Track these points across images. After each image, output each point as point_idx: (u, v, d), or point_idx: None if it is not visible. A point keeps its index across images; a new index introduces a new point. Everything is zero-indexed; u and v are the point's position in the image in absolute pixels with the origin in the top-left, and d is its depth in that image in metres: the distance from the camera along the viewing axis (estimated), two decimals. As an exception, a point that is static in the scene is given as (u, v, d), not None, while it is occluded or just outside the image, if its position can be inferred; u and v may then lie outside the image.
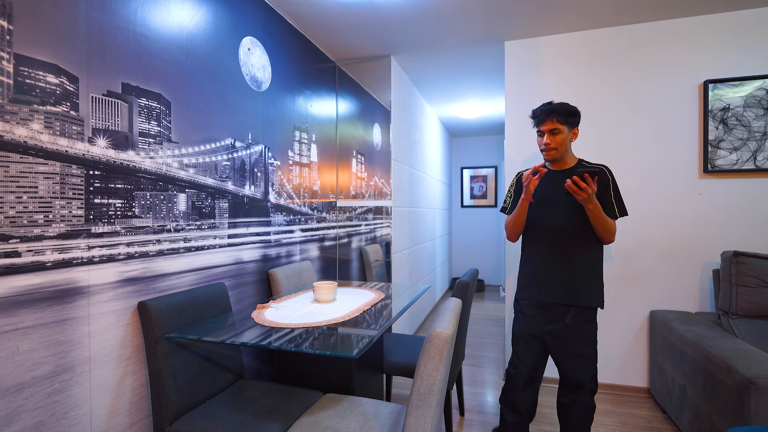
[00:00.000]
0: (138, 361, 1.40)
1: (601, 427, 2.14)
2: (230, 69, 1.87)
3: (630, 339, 2.53)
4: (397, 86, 3.24)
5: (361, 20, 2.43)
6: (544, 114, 1.64)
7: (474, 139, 6.26)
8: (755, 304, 1.96)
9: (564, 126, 1.63)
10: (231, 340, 1.28)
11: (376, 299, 1.81)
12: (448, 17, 2.40)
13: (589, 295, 1.63)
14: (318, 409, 1.40)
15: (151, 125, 1.45)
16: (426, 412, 1.10)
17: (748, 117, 2.30)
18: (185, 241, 1.60)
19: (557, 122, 1.62)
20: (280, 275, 2.08)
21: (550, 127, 1.63)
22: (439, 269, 5.15)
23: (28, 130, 1.08)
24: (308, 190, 2.57)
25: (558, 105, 1.64)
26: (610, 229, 1.59)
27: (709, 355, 1.74)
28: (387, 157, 3.17)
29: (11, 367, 1.05)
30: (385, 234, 3.16)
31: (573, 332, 1.64)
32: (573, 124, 1.65)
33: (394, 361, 2.00)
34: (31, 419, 1.09)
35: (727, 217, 2.36)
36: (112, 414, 1.31)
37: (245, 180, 1.95)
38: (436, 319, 1.23)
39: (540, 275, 1.70)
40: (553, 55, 2.66)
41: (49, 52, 1.13)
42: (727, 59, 2.35)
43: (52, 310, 1.14)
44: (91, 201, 1.24)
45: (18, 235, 1.06)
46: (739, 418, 1.50)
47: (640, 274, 2.51)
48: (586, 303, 1.63)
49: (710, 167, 2.36)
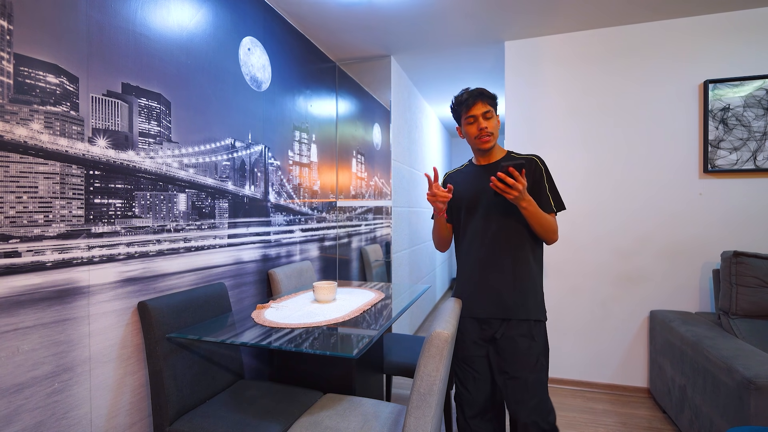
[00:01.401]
0: (138, 361, 1.40)
1: (601, 427, 2.14)
2: (230, 69, 1.87)
3: (630, 339, 2.53)
4: (397, 86, 3.24)
5: (361, 20, 2.43)
6: (473, 97, 1.42)
7: (474, 139, 6.26)
8: (755, 304, 1.96)
9: (493, 109, 1.43)
10: (231, 340, 1.28)
11: (376, 299, 1.81)
12: (448, 17, 2.40)
13: (528, 307, 1.38)
14: (318, 409, 1.40)
15: (151, 125, 1.45)
16: (426, 412, 1.10)
17: (748, 117, 2.30)
18: (185, 241, 1.60)
19: (488, 104, 1.42)
20: (280, 275, 2.08)
21: (483, 110, 1.41)
22: (439, 269, 5.15)
23: (28, 130, 1.08)
24: (308, 190, 2.57)
25: (481, 88, 1.44)
26: (550, 227, 1.37)
27: (709, 355, 1.74)
28: (387, 157, 3.17)
29: (11, 367, 1.05)
30: (385, 234, 3.16)
31: (506, 349, 1.38)
32: (495, 107, 1.45)
33: (394, 361, 2.00)
34: (31, 419, 1.09)
35: (727, 217, 2.36)
36: (112, 414, 1.31)
37: (245, 180, 1.95)
38: (436, 319, 1.23)
39: (473, 287, 1.46)
40: (553, 55, 2.66)
41: (49, 52, 1.13)
42: (727, 59, 2.35)
43: (52, 310, 1.14)
44: (91, 201, 1.24)
45: (18, 235, 1.06)
46: (739, 418, 1.50)
47: (640, 274, 2.51)
48: (523, 316, 1.38)
49: (710, 167, 2.36)
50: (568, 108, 2.63)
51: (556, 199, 1.43)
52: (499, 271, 1.41)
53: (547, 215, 1.37)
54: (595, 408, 2.35)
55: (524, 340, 1.37)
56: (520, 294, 1.39)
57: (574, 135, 2.62)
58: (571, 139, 2.62)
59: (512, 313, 1.38)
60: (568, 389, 2.60)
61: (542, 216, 1.35)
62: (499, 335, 1.39)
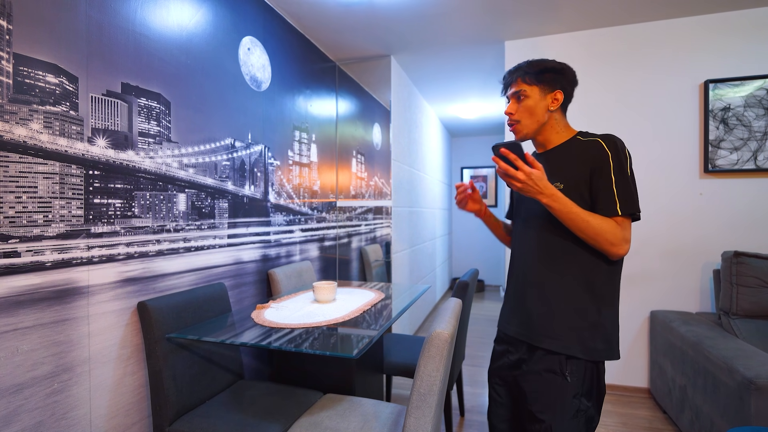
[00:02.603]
0: (138, 361, 1.40)
1: (602, 427, 2.14)
2: (230, 69, 1.87)
3: (630, 339, 2.53)
4: (397, 86, 3.23)
5: (361, 20, 2.43)
6: (510, 75, 1.17)
7: (474, 139, 6.26)
8: (756, 304, 1.96)
9: (534, 87, 1.12)
10: (231, 340, 1.28)
11: (376, 299, 1.81)
12: (448, 17, 2.40)
13: (560, 334, 1.07)
14: (318, 410, 1.40)
15: (150, 125, 1.45)
16: (426, 412, 1.10)
17: (749, 117, 2.30)
18: (185, 241, 1.60)
19: (524, 83, 1.13)
20: (280, 275, 2.08)
21: (515, 90, 1.14)
22: (439, 269, 5.14)
23: (28, 129, 1.08)
24: (308, 190, 2.57)
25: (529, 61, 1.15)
26: (599, 234, 1.01)
27: (709, 356, 1.74)
28: (387, 157, 3.17)
29: (11, 368, 1.04)
30: (385, 234, 3.16)
31: (530, 383, 1.12)
32: (551, 84, 1.12)
33: (394, 361, 2.00)
34: (30, 419, 1.08)
35: (728, 217, 2.36)
36: (112, 414, 1.31)
37: (245, 180, 1.95)
38: (436, 319, 1.23)
39: (511, 299, 1.23)
40: (553, 55, 2.66)
41: (49, 51, 1.13)
42: (727, 59, 2.35)
43: (52, 310, 1.14)
44: (91, 201, 1.24)
45: (17, 235, 1.06)
46: (739, 418, 1.50)
47: (641, 274, 2.51)
48: (549, 345, 1.08)
49: (711, 167, 2.36)
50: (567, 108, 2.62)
51: (625, 198, 1.02)
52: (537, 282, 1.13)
53: (596, 218, 1.01)
54: (595, 408, 2.35)
55: (550, 375, 1.08)
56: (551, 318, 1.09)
57: (574, 135, 2.62)
58: (572, 139, 2.62)
59: (536, 338, 1.11)
60: (569, 389, 2.60)
61: (579, 218, 1.01)
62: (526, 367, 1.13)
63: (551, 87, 1.12)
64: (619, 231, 1.02)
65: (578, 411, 1.07)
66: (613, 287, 1.10)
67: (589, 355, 1.06)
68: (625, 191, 1.03)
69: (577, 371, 1.07)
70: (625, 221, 1.03)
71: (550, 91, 1.12)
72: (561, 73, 1.13)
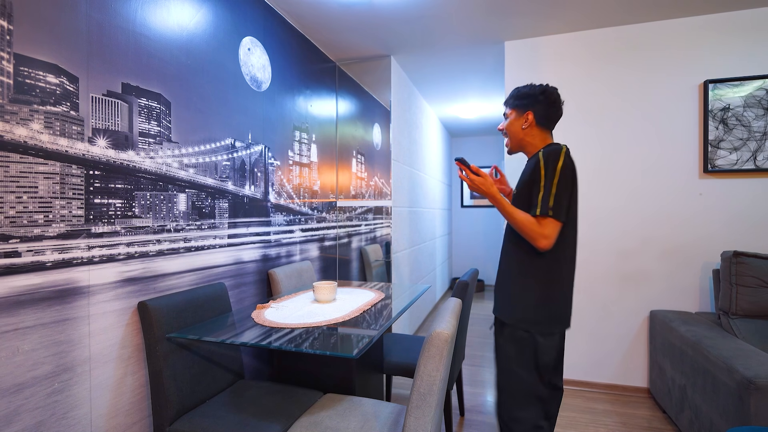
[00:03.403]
0: (138, 361, 1.40)
1: (601, 427, 2.14)
2: (230, 69, 1.87)
3: (630, 339, 2.53)
4: (397, 86, 3.23)
5: (361, 20, 2.43)
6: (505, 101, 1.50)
7: (474, 139, 6.26)
8: (755, 304, 1.96)
9: (513, 110, 1.43)
10: (231, 340, 1.28)
11: (376, 299, 1.81)
12: (448, 17, 2.40)
13: (502, 305, 1.41)
14: (318, 409, 1.40)
15: (151, 125, 1.45)
16: (426, 412, 1.10)
17: (748, 117, 2.30)
18: (185, 241, 1.60)
19: (507, 107, 1.46)
20: (280, 275, 2.08)
21: (503, 112, 1.49)
22: (439, 269, 5.15)
23: (28, 130, 1.08)
24: (308, 190, 2.57)
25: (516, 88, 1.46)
26: (523, 230, 1.26)
27: (709, 355, 1.74)
28: (387, 157, 3.17)
29: (11, 367, 1.05)
30: (385, 234, 3.16)
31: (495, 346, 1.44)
32: (524, 107, 1.39)
33: (394, 361, 2.00)
34: (31, 419, 1.09)
35: (727, 217, 2.36)
36: (112, 414, 1.31)
37: (245, 180, 1.95)
38: (436, 319, 1.23)
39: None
40: (553, 55, 2.66)
41: (49, 52, 1.13)
42: (727, 59, 2.35)
43: (52, 310, 1.14)
44: (91, 201, 1.24)
45: (18, 235, 1.06)
46: (739, 418, 1.50)
47: (640, 274, 2.51)
48: (497, 313, 1.43)
49: (710, 167, 2.36)
50: (567, 108, 2.62)
51: (543, 203, 1.24)
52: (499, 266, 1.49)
53: (521, 215, 1.27)
54: (595, 408, 2.36)
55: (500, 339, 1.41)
56: (498, 291, 1.45)
57: (573, 135, 2.62)
58: (571, 139, 2.62)
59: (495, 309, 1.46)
60: (569, 389, 2.60)
61: (511, 216, 1.29)
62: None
63: (524, 109, 1.40)
64: (537, 227, 1.25)
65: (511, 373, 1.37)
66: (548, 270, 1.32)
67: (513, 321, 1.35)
68: (545, 197, 1.25)
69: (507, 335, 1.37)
70: (543, 220, 1.25)
71: (523, 113, 1.41)
72: (532, 98, 1.38)
